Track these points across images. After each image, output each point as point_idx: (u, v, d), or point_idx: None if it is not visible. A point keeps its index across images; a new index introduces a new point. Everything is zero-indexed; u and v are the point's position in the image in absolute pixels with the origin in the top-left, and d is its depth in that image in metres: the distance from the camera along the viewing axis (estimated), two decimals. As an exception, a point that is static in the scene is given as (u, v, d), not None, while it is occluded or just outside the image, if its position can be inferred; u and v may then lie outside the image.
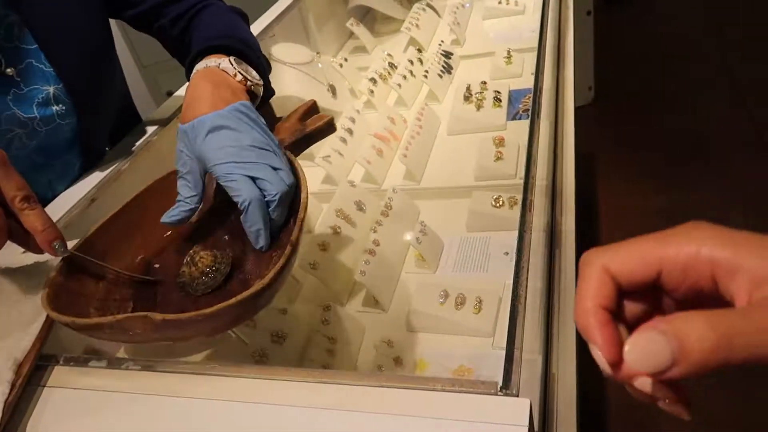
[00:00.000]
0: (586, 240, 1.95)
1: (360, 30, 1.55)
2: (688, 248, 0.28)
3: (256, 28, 1.29)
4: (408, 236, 0.88)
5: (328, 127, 0.68)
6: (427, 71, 1.28)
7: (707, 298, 0.28)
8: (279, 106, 0.95)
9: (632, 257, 0.30)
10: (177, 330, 0.48)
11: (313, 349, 0.73)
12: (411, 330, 0.77)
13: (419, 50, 1.39)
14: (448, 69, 1.33)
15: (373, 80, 1.29)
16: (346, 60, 1.37)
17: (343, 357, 0.73)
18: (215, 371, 0.50)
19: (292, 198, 0.58)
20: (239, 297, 0.46)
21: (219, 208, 0.66)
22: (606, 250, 0.30)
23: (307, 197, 0.57)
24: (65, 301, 0.52)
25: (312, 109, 0.69)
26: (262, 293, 0.48)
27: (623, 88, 2.60)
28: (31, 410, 0.51)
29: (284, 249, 0.51)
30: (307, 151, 1.16)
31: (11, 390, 0.50)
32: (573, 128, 1.24)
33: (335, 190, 1.00)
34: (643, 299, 0.31)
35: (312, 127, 0.67)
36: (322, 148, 1.10)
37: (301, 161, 1.12)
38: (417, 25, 1.47)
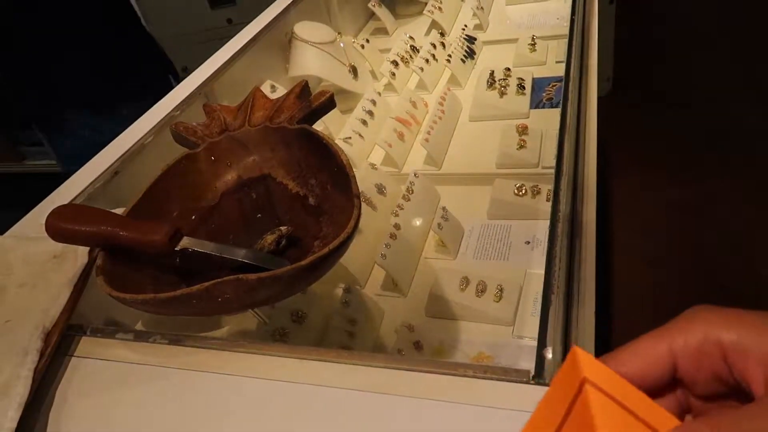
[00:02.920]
0: (599, 230, 1.94)
1: (381, 11, 1.53)
2: (695, 335, 0.26)
3: (278, 6, 1.28)
4: (429, 221, 0.88)
5: (330, 103, 0.70)
6: (450, 55, 1.26)
7: (731, 387, 0.26)
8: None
9: (640, 358, 0.27)
10: (270, 288, 0.48)
11: (332, 330, 0.73)
12: (430, 315, 0.77)
13: (442, 34, 1.37)
14: (470, 54, 1.32)
15: (394, 63, 1.28)
16: (367, 41, 1.35)
17: (362, 339, 0.73)
18: (242, 348, 0.51)
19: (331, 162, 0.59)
20: (331, 245, 0.48)
21: (237, 189, 0.66)
22: (608, 360, 0.27)
23: (347, 159, 0.58)
24: (121, 287, 0.51)
25: (305, 89, 0.70)
26: (347, 240, 0.49)
27: (641, 79, 2.57)
28: (59, 379, 0.52)
29: (330, 214, 0.51)
30: (325, 131, 1.16)
31: (40, 358, 0.51)
32: (596, 118, 1.23)
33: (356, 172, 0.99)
34: (667, 401, 0.28)
35: (317, 102, 0.68)
36: (342, 129, 1.10)
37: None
38: (440, 8, 1.45)
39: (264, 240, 0.58)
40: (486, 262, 0.84)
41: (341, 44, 1.27)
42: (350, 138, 1.06)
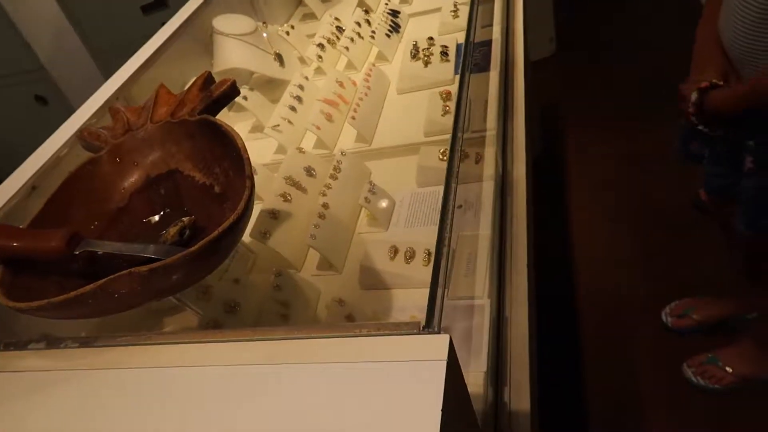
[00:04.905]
0: (551, 188, 1.96)
1: (307, -4, 1.52)
2: None
3: (197, 1, 1.26)
4: (358, 197, 0.88)
5: (232, 90, 0.69)
6: (374, 32, 1.26)
7: None
8: (225, 77, 0.93)
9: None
10: (164, 278, 0.48)
11: (266, 315, 0.73)
12: (365, 288, 0.78)
13: (366, 11, 1.37)
14: (395, 28, 1.32)
15: (320, 46, 1.28)
16: (292, 27, 1.34)
17: (296, 321, 0.73)
18: (152, 340, 0.51)
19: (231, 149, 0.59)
20: (220, 229, 0.48)
21: (146, 187, 0.66)
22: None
23: (242, 143, 0.57)
24: (21, 297, 0.50)
25: (208, 79, 0.69)
26: (238, 222, 0.50)
27: (586, 38, 2.59)
28: (-29, 396, 0.51)
29: (233, 200, 0.53)
30: (256, 122, 1.16)
31: (-51, 378, 0.50)
32: (523, 79, 1.24)
33: (284, 157, 0.99)
34: None
35: (218, 91, 0.67)
36: (271, 118, 1.09)
37: (252, 134, 1.11)
38: (363, -13, 1.45)
39: (167, 233, 0.58)
40: (417, 229, 0.84)
41: (264, 34, 1.26)
42: (278, 126, 1.05)
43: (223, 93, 0.71)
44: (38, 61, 2.33)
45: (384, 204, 0.87)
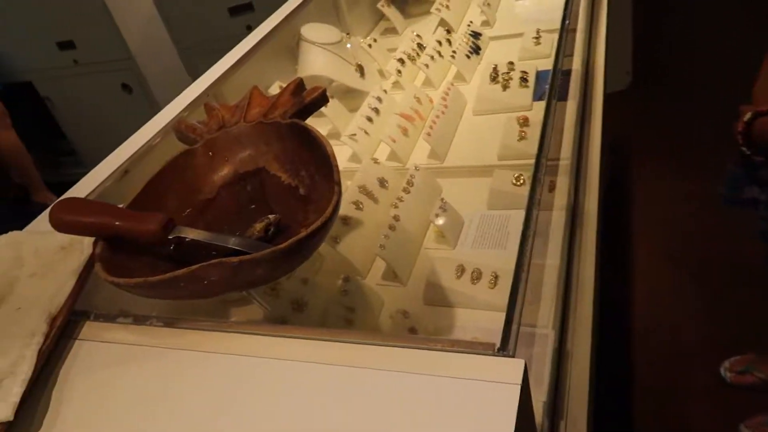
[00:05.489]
0: (613, 221, 1.92)
1: (390, 11, 1.55)
2: None
3: (287, 9, 1.31)
4: (429, 213, 0.90)
5: (322, 98, 0.72)
6: (454, 52, 1.28)
7: None
8: (307, 85, 0.97)
9: None
10: (250, 271, 0.51)
11: (331, 318, 0.75)
12: (428, 303, 0.79)
13: (448, 31, 1.39)
14: (476, 50, 1.33)
15: (401, 61, 1.30)
16: (375, 41, 1.38)
17: (360, 326, 0.74)
18: (233, 328, 0.53)
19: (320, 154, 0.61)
20: (309, 229, 0.50)
21: (234, 182, 0.69)
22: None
23: (332, 150, 0.60)
24: (118, 273, 0.54)
25: (299, 86, 0.72)
26: (326, 225, 0.52)
27: (662, 73, 2.53)
28: (64, 360, 0.55)
29: (317, 203, 0.55)
30: (333, 129, 1.19)
31: (45, 340, 0.54)
32: (601, 111, 1.23)
33: (359, 166, 1.02)
34: None
35: (309, 98, 0.70)
36: (348, 126, 1.12)
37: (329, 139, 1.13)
38: (447, 6, 1.47)
39: (253, 228, 0.61)
40: (484, 251, 0.85)
41: (348, 45, 1.30)
42: (355, 135, 1.08)
43: (313, 100, 0.74)
44: (128, 51, 2.47)
45: (453, 222, 0.88)
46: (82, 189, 0.81)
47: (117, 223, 0.56)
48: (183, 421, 0.47)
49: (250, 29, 2.43)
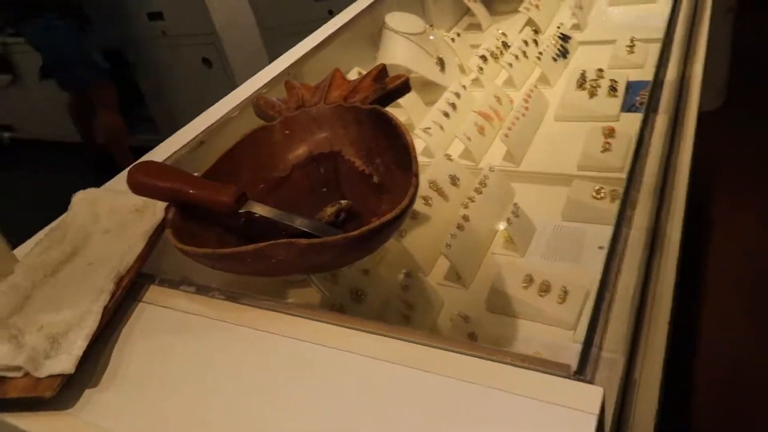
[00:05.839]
0: (691, 247, 1.81)
1: (477, 6, 1.51)
2: None
3: (374, -5, 1.29)
4: (499, 216, 0.86)
5: (405, 86, 0.70)
6: (541, 53, 1.23)
7: None
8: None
9: None
10: (318, 255, 0.49)
11: (389, 311, 0.73)
12: (490, 310, 0.75)
13: (536, 31, 1.34)
14: (563, 53, 1.27)
15: (483, 58, 1.27)
16: (458, 35, 1.35)
17: (418, 324, 0.72)
18: (293, 311, 0.52)
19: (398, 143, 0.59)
20: (383, 219, 0.48)
21: (308, 163, 0.68)
22: None
23: (412, 140, 0.57)
24: (187, 241, 0.54)
25: (382, 72, 0.70)
26: (400, 216, 0.50)
27: (756, 95, 2.37)
28: (126, 320, 0.55)
29: (391, 193, 0.53)
30: (407, 121, 1.17)
31: (111, 298, 0.55)
32: (693, 129, 1.15)
33: (430, 161, 0.99)
34: None
35: (392, 85, 0.68)
36: (422, 119, 1.10)
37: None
38: (537, 6, 1.42)
39: (324, 211, 0.59)
40: (554, 263, 0.81)
41: (431, 36, 1.27)
42: (430, 128, 1.06)
43: (395, 87, 0.72)
44: (213, 26, 2.53)
45: (525, 229, 0.84)
46: (158, 154, 0.83)
47: (191, 191, 0.56)
48: (234, 398, 0.46)
49: (331, 14, 2.44)
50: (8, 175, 3.55)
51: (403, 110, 1.15)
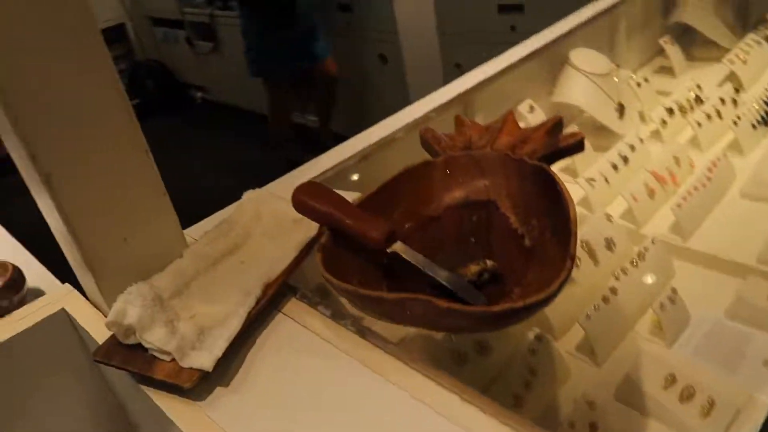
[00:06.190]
0: None
1: (672, 50, 1.40)
2: None
3: (561, 27, 1.24)
4: (652, 297, 0.79)
5: (578, 146, 0.67)
6: (739, 117, 1.10)
7: None
8: (559, 112, 0.91)
9: None
10: (456, 320, 0.49)
11: (512, 373, 0.71)
12: (619, 400, 0.70)
13: (737, 89, 1.20)
14: (766, 120, 1.13)
15: (669, 110, 1.17)
16: (646, 80, 1.25)
17: (537, 394, 0.69)
18: (416, 365, 0.52)
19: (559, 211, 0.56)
20: (526, 302, 0.46)
21: (461, 207, 0.67)
22: None
23: (575, 213, 0.54)
24: (333, 268, 0.55)
25: (557, 125, 0.66)
26: (546, 301, 0.47)
27: None
28: (263, 328, 0.59)
29: (540, 263, 0.52)
30: (571, 165, 1.11)
31: (256, 304, 0.59)
32: None
33: (587, 216, 0.94)
34: None
35: (565, 143, 0.64)
36: (588, 167, 1.04)
37: (562, 176, 1.07)
38: (743, 60, 1.27)
39: (468, 268, 0.58)
40: (707, 366, 0.72)
41: (615, 78, 1.19)
42: (594, 180, 1.00)
43: (568, 146, 0.69)
44: (395, 25, 2.60)
45: (678, 317, 0.77)
46: (323, 163, 0.87)
47: (347, 221, 0.58)
48: (346, 438, 0.47)
49: (513, 29, 2.39)
50: (196, 132, 4.02)
51: (569, 154, 1.10)
